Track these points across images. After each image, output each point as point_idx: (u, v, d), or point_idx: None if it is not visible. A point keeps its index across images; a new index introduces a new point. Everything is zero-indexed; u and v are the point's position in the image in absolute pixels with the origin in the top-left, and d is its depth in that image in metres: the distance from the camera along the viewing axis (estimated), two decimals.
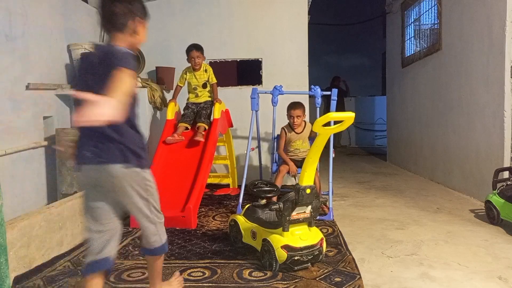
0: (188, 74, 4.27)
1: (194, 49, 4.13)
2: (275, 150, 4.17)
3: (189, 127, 4.09)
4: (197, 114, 4.18)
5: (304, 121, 3.96)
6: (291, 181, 4.39)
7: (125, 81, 1.55)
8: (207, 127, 4.04)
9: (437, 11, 5.33)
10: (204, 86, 4.26)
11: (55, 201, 3.17)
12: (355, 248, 2.84)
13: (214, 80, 4.28)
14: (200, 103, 4.24)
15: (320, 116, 3.53)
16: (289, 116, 3.90)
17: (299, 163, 3.85)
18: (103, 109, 1.35)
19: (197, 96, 4.27)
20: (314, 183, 2.49)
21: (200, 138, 3.91)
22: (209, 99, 4.29)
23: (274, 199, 3.18)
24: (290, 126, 3.95)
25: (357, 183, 5.28)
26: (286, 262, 2.36)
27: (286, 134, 3.94)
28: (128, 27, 1.78)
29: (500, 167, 3.58)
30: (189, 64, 4.27)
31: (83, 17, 4.68)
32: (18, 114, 3.49)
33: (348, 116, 2.20)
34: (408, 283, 2.30)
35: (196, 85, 4.24)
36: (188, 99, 4.31)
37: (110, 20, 1.77)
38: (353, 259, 2.60)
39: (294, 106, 3.89)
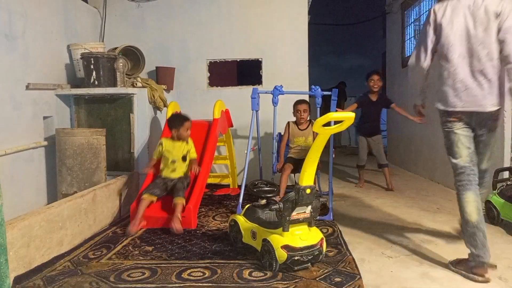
0: (165, 145, 3.57)
1: (190, 120, 3.62)
2: (275, 150, 4.18)
3: (155, 201, 3.38)
4: (173, 188, 3.45)
5: (309, 120, 4.10)
6: (291, 181, 4.39)
7: None
8: (185, 204, 3.33)
9: None
10: (184, 159, 3.58)
11: (55, 201, 3.17)
12: (355, 248, 2.84)
13: (195, 155, 3.66)
14: (175, 178, 3.52)
15: (320, 116, 3.54)
16: (296, 111, 4.08)
17: (299, 163, 3.85)
18: None
19: (173, 170, 3.53)
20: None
21: (177, 225, 3.15)
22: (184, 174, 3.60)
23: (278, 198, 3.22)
24: (296, 123, 4.09)
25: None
26: (286, 262, 2.36)
27: (289, 127, 4.11)
28: None
29: (500, 167, 3.59)
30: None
31: (83, 17, 4.68)
32: (18, 114, 3.50)
33: (348, 116, 2.20)
34: (408, 283, 2.30)
35: (176, 158, 3.54)
36: (161, 171, 3.57)
37: None
38: (353, 259, 2.60)
39: (300, 101, 4.13)
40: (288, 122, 4.15)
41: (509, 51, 2.35)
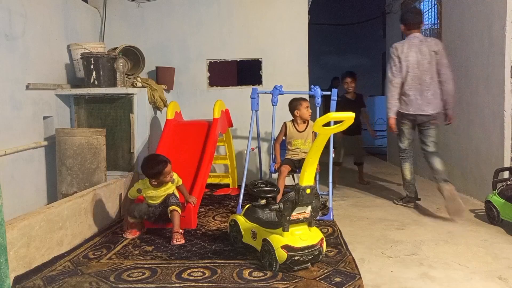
0: (147, 193, 3.13)
1: (169, 162, 3.09)
2: (272, 150, 4.17)
3: (141, 221, 3.18)
4: (164, 202, 3.13)
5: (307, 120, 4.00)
6: (291, 181, 4.38)
7: None
8: (180, 211, 3.08)
9: (437, 11, 5.33)
10: None
11: (55, 201, 3.17)
12: (355, 248, 2.84)
13: (181, 181, 3.29)
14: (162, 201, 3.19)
15: (320, 116, 3.54)
16: (304, 108, 3.90)
17: (298, 163, 3.85)
18: None
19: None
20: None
21: (180, 240, 2.95)
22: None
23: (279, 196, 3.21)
24: (294, 123, 3.97)
25: (357, 183, 5.28)
26: (286, 262, 2.36)
27: (286, 128, 3.96)
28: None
29: (500, 167, 3.58)
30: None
31: (83, 17, 4.68)
32: (18, 114, 3.50)
33: (348, 116, 2.20)
34: (408, 283, 2.30)
35: (161, 202, 3.16)
36: (145, 199, 3.21)
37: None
38: (353, 259, 2.60)
39: (303, 98, 3.97)
40: (285, 123, 4.01)
41: (442, 78, 3.72)
